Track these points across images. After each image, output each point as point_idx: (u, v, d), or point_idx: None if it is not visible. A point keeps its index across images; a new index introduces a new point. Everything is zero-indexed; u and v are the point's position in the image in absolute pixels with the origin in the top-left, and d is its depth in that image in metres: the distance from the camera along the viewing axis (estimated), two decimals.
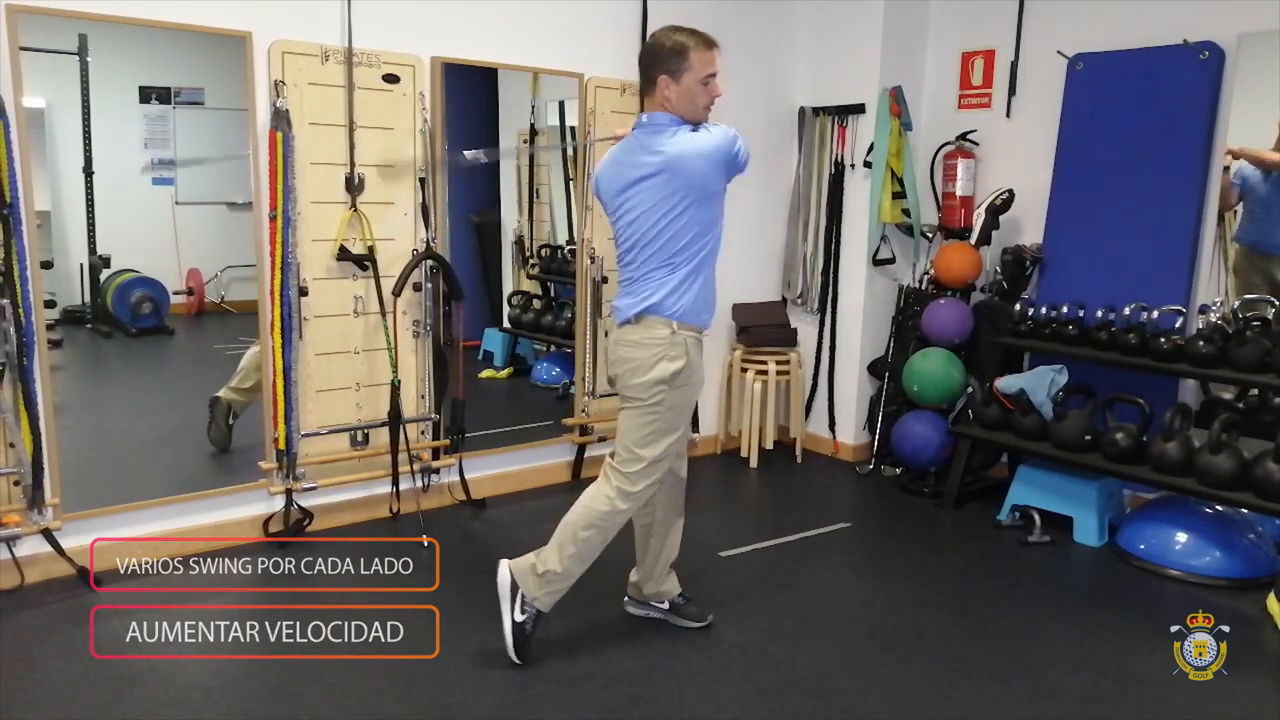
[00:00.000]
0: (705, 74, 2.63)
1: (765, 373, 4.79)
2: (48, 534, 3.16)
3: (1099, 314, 3.88)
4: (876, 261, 4.77)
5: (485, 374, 5.05)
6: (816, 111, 4.92)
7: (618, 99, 4.24)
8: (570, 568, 2.72)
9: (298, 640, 2.86)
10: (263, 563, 3.43)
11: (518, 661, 2.69)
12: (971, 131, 4.55)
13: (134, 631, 2.87)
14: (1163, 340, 3.60)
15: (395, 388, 3.71)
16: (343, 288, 3.67)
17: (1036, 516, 3.86)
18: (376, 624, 3.00)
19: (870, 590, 3.37)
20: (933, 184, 4.72)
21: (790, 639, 2.94)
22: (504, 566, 2.75)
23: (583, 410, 4.28)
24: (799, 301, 5.05)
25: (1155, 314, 3.69)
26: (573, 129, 4.36)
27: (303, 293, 3.51)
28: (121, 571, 3.25)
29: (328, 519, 3.74)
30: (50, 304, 3.25)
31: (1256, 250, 3.84)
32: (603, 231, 4.15)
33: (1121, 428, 3.66)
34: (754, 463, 4.81)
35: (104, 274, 4.27)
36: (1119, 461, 3.63)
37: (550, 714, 2.50)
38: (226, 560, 3.43)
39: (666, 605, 3.00)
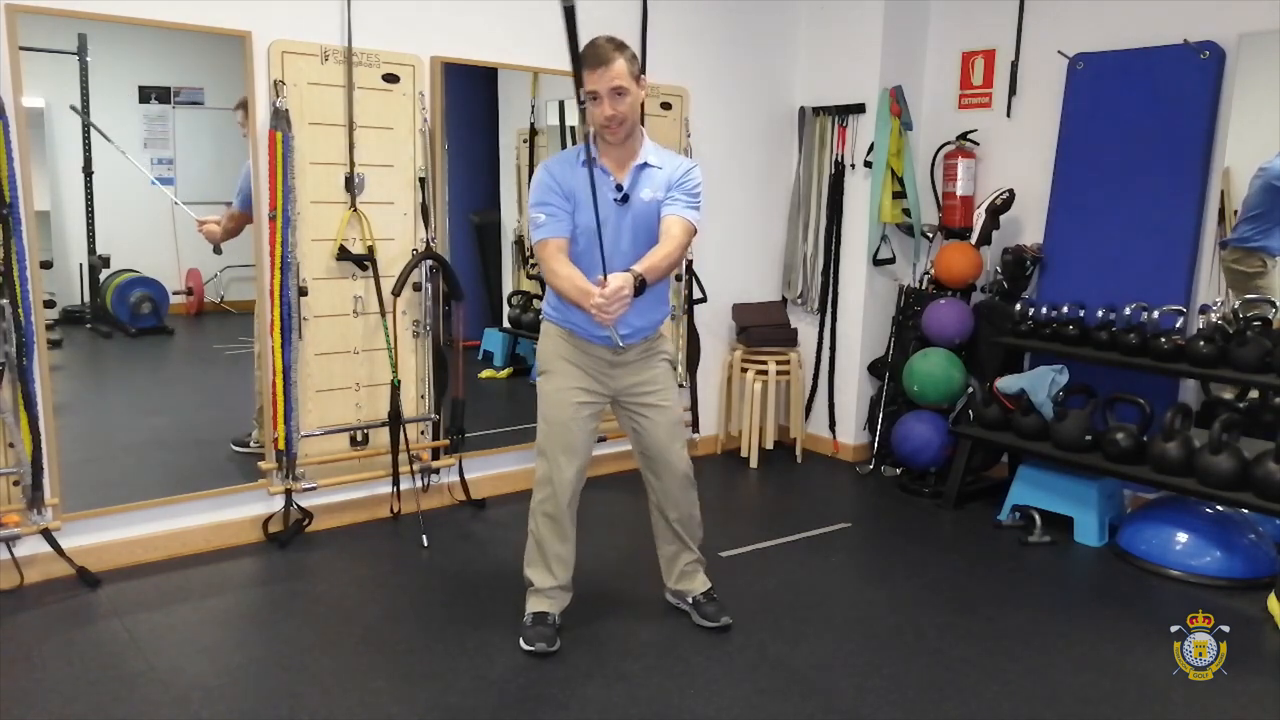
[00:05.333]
0: (585, 91, 2.59)
1: (765, 373, 4.79)
2: (47, 534, 3.16)
3: (1099, 314, 3.88)
4: (877, 261, 4.76)
5: (485, 374, 5.04)
6: (816, 111, 4.92)
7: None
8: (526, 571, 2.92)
9: (298, 640, 2.86)
10: (262, 563, 3.44)
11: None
12: (972, 131, 4.55)
13: (134, 631, 2.88)
14: (1163, 340, 3.60)
15: (395, 388, 3.71)
16: (342, 288, 3.67)
17: (1037, 516, 3.86)
18: (378, 624, 3.01)
19: (870, 590, 3.37)
20: (933, 184, 4.72)
21: (790, 639, 2.94)
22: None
23: None
24: (799, 301, 5.05)
25: (1155, 314, 3.69)
26: (572, 129, 4.36)
27: (302, 293, 3.51)
28: (120, 572, 3.28)
29: (327, 519, 3.74)
30: (50, 304, 3.24)
31: None
32: None
33: (1122, 428, 3.66)
34: (754, 463, 4.81)
35: (103, 274, 4.26)
36: (1119, 461, 3.63)
37: (550, 714, 2.49)
38: (226, 560, 3.44)
39: (690, 601, 3.02)
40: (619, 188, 2.68)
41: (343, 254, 3.61)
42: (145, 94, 4.09)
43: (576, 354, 2.78)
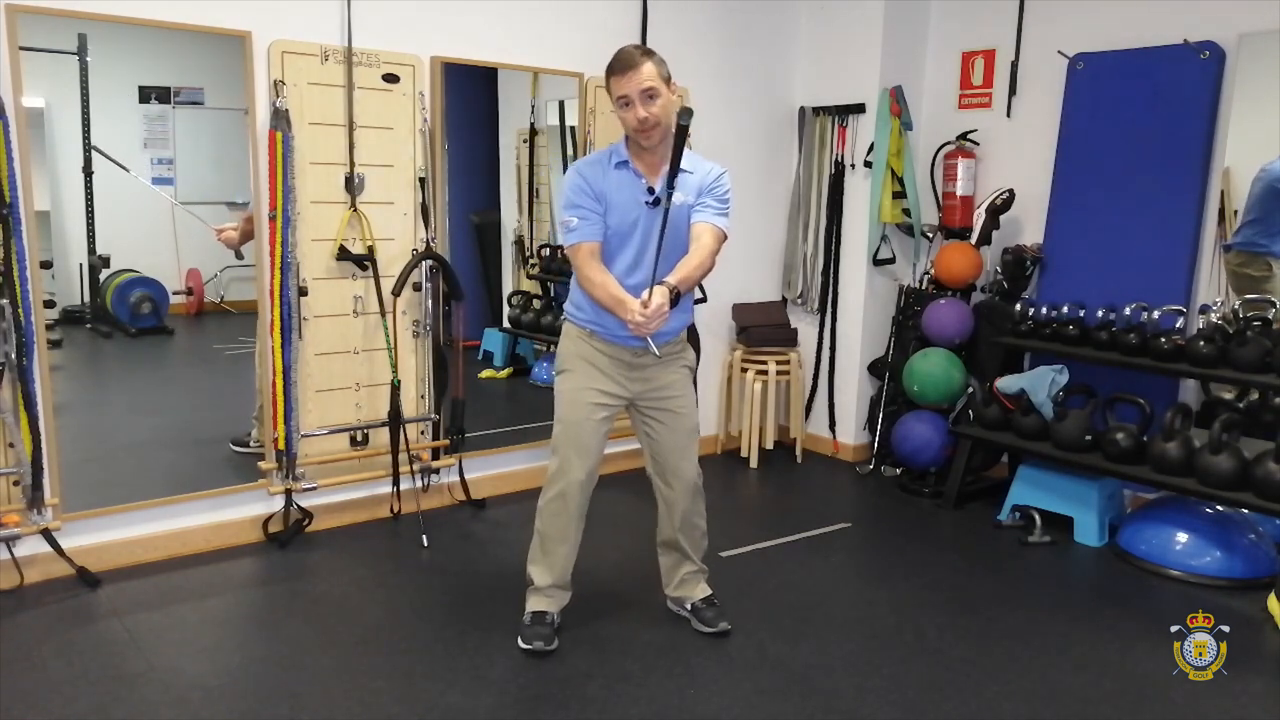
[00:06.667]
0: (616, 97, 2.63)
1: (765, 373, 4.79)
2: (47, 534, 3.16)
3: (1099, 314, 3.88)
4: (877, 261, 4.76)
5: (485, 374, 5.04)
6: (816, 111, 4.92)
7: None
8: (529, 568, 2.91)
9: (298, 640, 2.86)
10: (262, 563, 3.44)
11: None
12: (972, 131, 4.55)
13: (134, 631, 2.88)
14: (1163, 340, 3.60)
15: (395, 388, 3.71)
16: (342, 288, 3.67)
17: (1037, 516, 3.86)
18: (378, 624, 3.01)
19: (870, 590, 3.37)
20: (933, 184, 4.72)
21: (790, 639, 2.94)
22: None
23: None
24: (799, 301, 5.05)
25: (1155, 314, 3.69)
26: (572, 129, 4.36)
27: (302, 293, 3.51)
28: (120, 572, 3.28)
29: (327, 519, 3.74)
30: (50, 304, 3.24)
31: None
32: None
33: (1122, 428, 3.66)
34: (754, 463, 4.81)
35: (103, 274, 4.26)
36: (1119, 461, 3.63)
37: (550, 714, 2.49)
38: (226, 560, 3.44)
39: (689, 608, 3.02)
40: (650, 190, 2.68)
41: (343, 254, 3.61)
42: (145, 94, 4.10)
43: (596, 355, 2.78)
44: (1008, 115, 4.49)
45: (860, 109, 4.71)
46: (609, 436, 2.86)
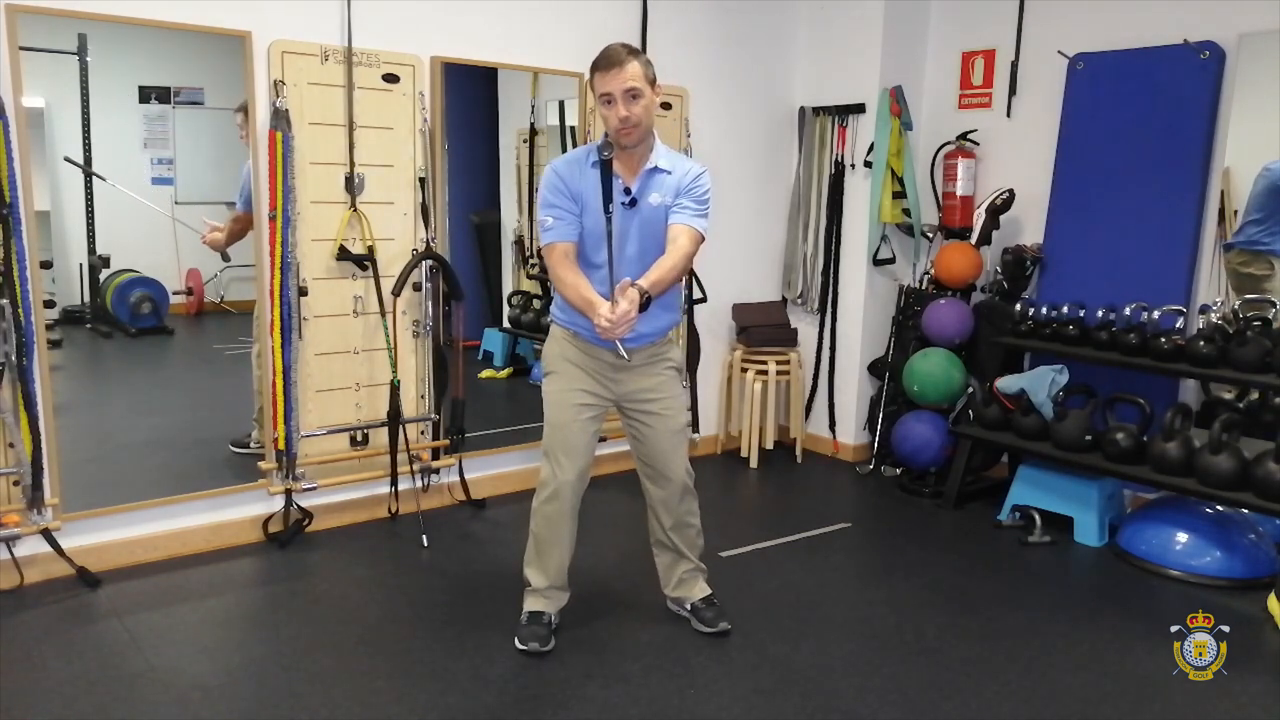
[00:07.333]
0: (599, 94, 2.60)
1: (765, 373, 4.79)
2: (47, 534, 3.16)
3: (1099, 314, 3.88)
4: (877, 261, 4.77)
5: (485, 374, 5.04)
6: (816, 111, 4.92)
7: None
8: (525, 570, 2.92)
9: (298, 640, 2.86)
10: (262, 563, 3.44)
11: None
12: (972, 131, 4.55)
13: (134, 631, 2.88)
14: (1163, 340, 3.60)
15: (395, 388, 3.71)
16: (342, 288, 3.67)
17: (1037, 516, 3.86)
18: (378, 624, 3.01)
19: (870, 590, 3.37)
20: (933, 184, 4.72)
21: (790, 639, 2.94)
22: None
23: None
24: (799, 301, 5.05)
25: (1155, 314, 3.69)
26: (572, 129, 4.36)
27: (302, 293, 3.51)
28: (120, 572, 3.28)
29: (327, 519, 3.74)
30: (50, 304, 3.24)
31: None
32: None
33: (1122, 428, 3.66)
34: (754, 463, 4.81)
35: (103, 274, 4.26)
36: (1119, 461, 3.63)
37: (550, 714, 2.49)
38: (226, 560, 3.44)
39: (689, 608, 3.02)
40: (627, 191, 2.66)
41: (343, 254, 3.61)
42: (145, 94, 4.09)
43: (581, 356, 2.78)
44: (1008, 115, 4.49)
45: (860, 109, 4.71)
46: (606, 437, 2.85)
